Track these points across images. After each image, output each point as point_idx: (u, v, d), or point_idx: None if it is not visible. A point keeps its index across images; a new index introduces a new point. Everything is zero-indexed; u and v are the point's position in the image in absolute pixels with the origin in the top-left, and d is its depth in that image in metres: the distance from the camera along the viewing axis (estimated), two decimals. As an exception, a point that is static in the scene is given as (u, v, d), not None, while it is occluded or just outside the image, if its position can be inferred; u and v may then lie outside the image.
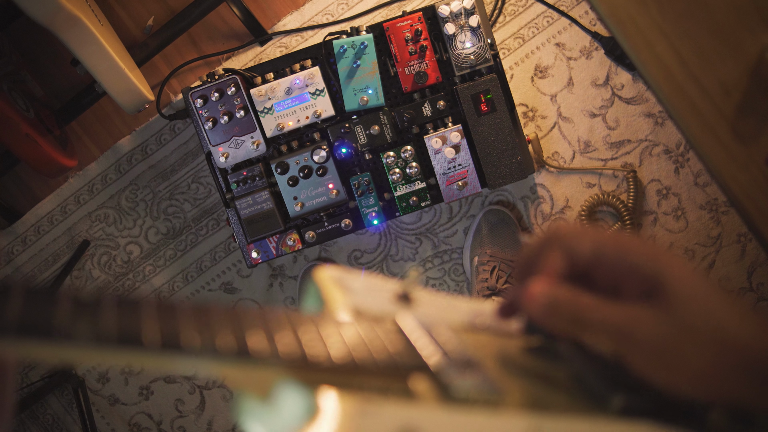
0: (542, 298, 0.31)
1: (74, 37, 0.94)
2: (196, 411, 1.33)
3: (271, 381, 0.25)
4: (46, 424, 1.35)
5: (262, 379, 0.25)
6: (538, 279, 0.33)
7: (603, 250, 0.32)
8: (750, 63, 0.60)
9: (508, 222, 1.21)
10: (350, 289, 0.33)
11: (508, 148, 1.08)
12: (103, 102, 1.28)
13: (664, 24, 0.60)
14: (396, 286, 0.36)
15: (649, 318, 0.30)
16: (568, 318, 0.31)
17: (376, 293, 0.34)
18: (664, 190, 1.26)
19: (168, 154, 1.29)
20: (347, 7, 1.26)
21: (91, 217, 1.31)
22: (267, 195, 1.08)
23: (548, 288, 0.31)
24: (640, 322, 0.30)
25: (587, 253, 0.32)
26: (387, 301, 0.34)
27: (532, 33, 1.25)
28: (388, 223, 1.27)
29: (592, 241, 0.32)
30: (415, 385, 0.27)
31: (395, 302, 0.35)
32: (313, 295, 0.33)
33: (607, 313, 0.30)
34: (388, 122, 1.08)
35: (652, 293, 0.30)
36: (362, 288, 0.34)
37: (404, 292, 0.35)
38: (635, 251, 0.31)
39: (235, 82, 1.05)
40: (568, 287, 0.31)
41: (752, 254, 1.26)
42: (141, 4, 1.28)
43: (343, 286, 0.33)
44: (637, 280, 0.31)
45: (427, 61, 1.06)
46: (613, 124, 1.25)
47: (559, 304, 0.31)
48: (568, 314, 0.31)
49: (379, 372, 0.27)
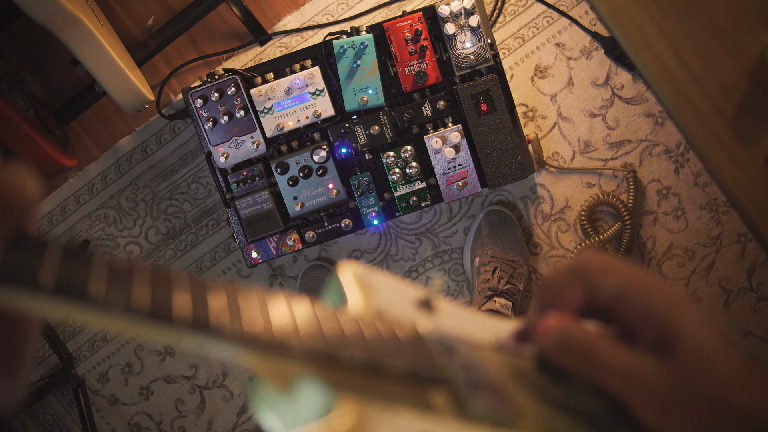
0: (555, 333, 0.32)
1: (74, 37, 0.94)
2: (196, 411, 1.33)
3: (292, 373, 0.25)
4: (46, 424, 1.35)
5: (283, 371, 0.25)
6: (554, 313, 0.33)
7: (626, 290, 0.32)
8: (750, 63, 0.60)
9: (509, 222, 1.21)
10: (373, 289, 0.33)
11: (508, 148, 1.08)
12: (103, 102, 1.28)
13: (664, 24, 0.60)
14: (419, 293, 0.36)
15: (656, 371, 0.30)
16: (578, 357, 0.31)
17: (398, 297, 0.34)
18: (664, 190, 1.26)
19: (168, 154, 1.29)
20: (347, 7, 1.26)
21: (91, 217, 1.31)
22: (267, 195, 1.08)
23: (562, 324, 0.32)
24: (646, 374, 0.30)
25: (610, 291, 0.32)
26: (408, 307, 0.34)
27: (532, 33, 1.25)
28: (388, 223, 1.27)
29: (617, 279, 0.32)
30: (432, 397, 0.27)
31: (417, 308, 0.34)
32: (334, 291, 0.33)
33: (616, 359, 0.30)
34: (388, 122, 1.08)
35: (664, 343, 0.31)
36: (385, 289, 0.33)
37: (427, 299, 0.35)
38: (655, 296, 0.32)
39: (235, 82, 1.05)
40: (582, 326, 0.32)
41: (752, 254, 1.26)
42: (141, 4, 1.28)
43: (366, 286, 0.33)
44: (652, 327, 0.31)
45: (427, 61, 1.06)
46: (613, 124, 1.25)
47: (570, 341, 0.31)
48: (578, 353, 0.31)
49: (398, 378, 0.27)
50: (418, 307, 0.34)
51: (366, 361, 0.26)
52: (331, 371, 0.25)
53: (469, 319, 0.37)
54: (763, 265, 1.26)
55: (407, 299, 0.34)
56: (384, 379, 0.26)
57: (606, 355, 0.31)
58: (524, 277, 1.19)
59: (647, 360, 0.30)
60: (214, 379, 1.33)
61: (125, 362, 1.33)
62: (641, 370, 0.30)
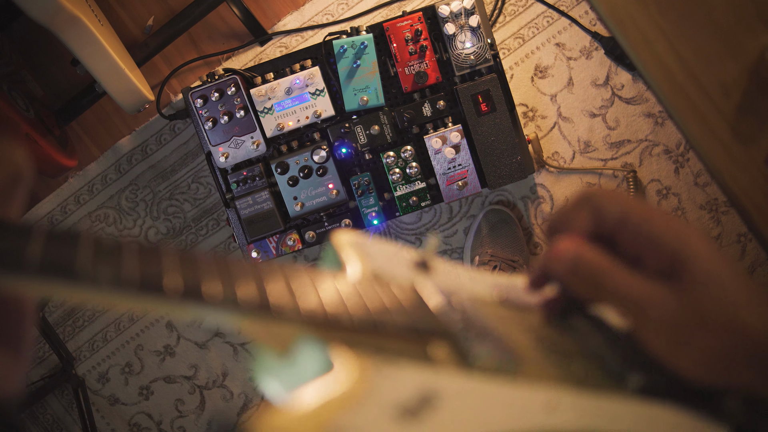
0: (568, 255, 0.32)
1: (74, 37, 0.94)
2: (196, 411, 1.33)
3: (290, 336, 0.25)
4: (46, 424, 1.35)
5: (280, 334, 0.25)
6: (565, 237, 0.33)
7: (630, 216, 0.32)
8: (750, 63, 0.60)
9: (509, 222, 1.21)
10: (369, 254, 0.33)
11: (508, 148, 1.08)
12: (103, 102, 1.28)
13: (664, 24, 0.60)
14: (414, 254, 0.36)
15: (665, 297, 0.30)
16: (589, 280, 0.31)
17: (394, 260, 0.34)
18: (664, 190, 1.26)
19: (168, 154, 1.29)
20: (347, 7, 1.26)
21: (91, 217, 1.31)
22: (267, 195, 1.08)
23: (574, 246, 0.32)
24: (654, 300, 0.30)
25: (614, 216, 0.32)
26: (405, 268, 0.34)
27: (532, 33, 1.25)
28: (388, 223, 1.27)
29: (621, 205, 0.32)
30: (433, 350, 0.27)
31: (414, 270, 0.34)
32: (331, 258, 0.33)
33: (626, 284, 0.30)
34: (388, 122, 1.08)
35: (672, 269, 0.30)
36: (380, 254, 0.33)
37: (423, 259, 0.35)
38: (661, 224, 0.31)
39: (235, 82, 1.05)
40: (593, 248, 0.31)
41: (752, 254, 1.26)
42: (141, 4, 1.28)
43: (361, 251, 0.33)
44: (659, 254, 0.31)
45: (427, 61, 1.06)
46: (613, 124, 1.25)
47: (582, 263, 0.31)
48: (590, 276, 0.31)
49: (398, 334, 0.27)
50: (415, 268, 0.34)
51: (364, 320, 0.26)
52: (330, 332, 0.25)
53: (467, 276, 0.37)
54: (763, 265, 1.26)
55: (403, 261, 0.34)
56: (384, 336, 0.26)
57: (618, 279, 0.30)
58: (524, 277, 1.19)
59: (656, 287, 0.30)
60: (214, 379, 1.33)
61: (125, 362, 1.33)
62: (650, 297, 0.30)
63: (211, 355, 1.32)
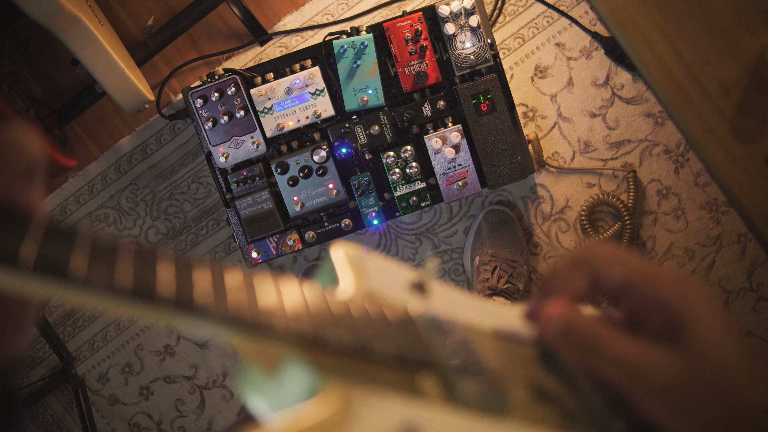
0: (558, 321, 0.31)
1: (74, 37, 0.94)
2: (196, 411, 1.33)
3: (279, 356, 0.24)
4: (46, 424, 1.35)
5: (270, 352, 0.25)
6: (557, 300, 0.32)
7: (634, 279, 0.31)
8: (750, 63, 0.60)
9: (509, 222, 1.21)
10: (365, 271, 0.32)
11: (508, 148, 1.08)
12: (103, 102, 1.28)
13: (664, 24, 0.60)
14: (412, 275, 0.35)
15: (664, 361, 0.29)
16: (581, 346, 0.30)
17: (391, 278, 0.33)
18: (664, 190, 1.26)
19: (168, 154, 1.29)
20: (347, 7, 1.26)
21: (91, 217, 1.31)
22: (267, 195, 1.08)
23: (566, 312, 0.31)
24: (651, 364, 0.29)
25: (617, 280, 0.32)
26: (401, 289, 0.33)
27: (532, 33, 1.25)
28: (388, 223, 1.27)
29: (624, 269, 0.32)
30: (421, 381, 0.27)
31: (410, 291, 0.34)
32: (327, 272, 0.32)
33: (623, 349, 0.30)
34: (388, 122, 1.08)
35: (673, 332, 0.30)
36: (378, 271, 0.33)
37: (420, 281, 0.34)
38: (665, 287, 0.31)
39: (235, 82, 1.05)
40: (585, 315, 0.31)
41: (752, 254, 1.26)
42: (141, 4, 1.28)
43: (358, 267, 0.32)
44: (661, 316, 0.30)
45: (427, 61, 1.06)
46: (613, 124, 1.25)
47: (574, 330, 0.31)
48: (582, 342, 0.30)
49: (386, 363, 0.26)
50: (412, 290, 0.34)
51: (353, 344, 0.26)
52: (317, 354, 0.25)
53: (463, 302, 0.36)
54: (763, 265, 1.26)
55: (400, 281, 0.34)
56: (371, 363, 0.26)
57: (610, 345, 0.30)
58: (524, 277, 1.19)
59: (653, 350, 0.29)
60: (214, 379, 1.33)
61: (125, 362, 1.33)
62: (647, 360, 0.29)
63: (211, 355, 1.32)
